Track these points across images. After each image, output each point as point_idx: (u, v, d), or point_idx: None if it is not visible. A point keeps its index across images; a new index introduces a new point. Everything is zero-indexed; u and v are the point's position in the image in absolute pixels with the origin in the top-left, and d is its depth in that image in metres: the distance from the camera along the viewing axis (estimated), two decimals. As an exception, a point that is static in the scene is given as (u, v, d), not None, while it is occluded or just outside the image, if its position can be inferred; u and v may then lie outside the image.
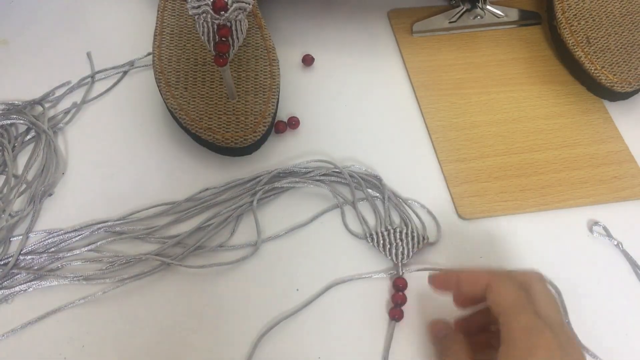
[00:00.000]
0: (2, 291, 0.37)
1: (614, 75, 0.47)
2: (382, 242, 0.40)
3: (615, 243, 0.42)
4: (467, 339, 0.34)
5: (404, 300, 0.38)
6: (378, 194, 0.43)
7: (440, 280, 0.35)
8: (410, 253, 0.39)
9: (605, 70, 0.47)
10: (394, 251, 0.39)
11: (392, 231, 0.40)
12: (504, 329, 0.30)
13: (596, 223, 0.42)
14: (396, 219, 0.42)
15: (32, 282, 0.37)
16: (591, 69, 0.48)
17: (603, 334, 0.38)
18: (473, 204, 0.43)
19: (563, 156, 0.46)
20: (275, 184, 0.42)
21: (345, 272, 0.39)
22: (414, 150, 0.46)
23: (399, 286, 0.38)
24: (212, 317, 0.37)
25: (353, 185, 0.43)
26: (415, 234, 0.40)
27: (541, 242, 0.42)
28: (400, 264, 0.39)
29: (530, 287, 0.32)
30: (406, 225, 0.41)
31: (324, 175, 0.43)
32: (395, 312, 0.37)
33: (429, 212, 0.43)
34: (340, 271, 0.39)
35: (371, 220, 0.42)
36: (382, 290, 0.39)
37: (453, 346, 0.33)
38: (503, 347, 0.29)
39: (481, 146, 0.46)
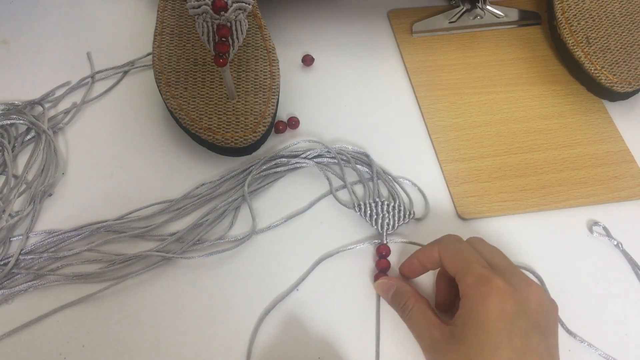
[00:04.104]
0: (2, 291, 0.37)
1: (614, 75, 0.47)
2: (369, 212, 0.41)
3: (615, 243, 0.42)
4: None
5: (387, 266, 0.39)
6: (368, 171, 0.44)
7: (406, 267, 0.38)
8: (396, 225, 0.41)
9: (605, 70, 0.47)
10: (379, 221, 0.40)
11: (379, 203, 0.41)
12: (460, 285, 0.32)
13: (596, 223, 0.42)
14: (385, 194, 0.43)
15: (32, 282, 0.37)
16: (591, 69, 0.48)
17: (603, 333, 0.38)
18: (473, 204, 0.43)
19: (563, 156, 0.46)
20: (264, 166, 0.43)
21: (332, 246, 0.40)
22: (414, 150, 0.46)
23: (382, 253, 0.39)
24: (212, 308, 0.37)
25: (342, 163, 0.43)
26: (402, 208, 0.41)
27: (541, 242, 0.42)
28: (384, 234, 0.40)
29: (475, 244, 0.35)
30: (394, 199, 0.42)
31: (315, 157, 0.44)
32: (379, 277, 0.38)
33: (419, 190, 0.43)
34: (328, 245, 0.40)
35: (360, 196, 0.43)
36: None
37: (410, 303, 0.35)
38: (461, 301, 0.32)
39: (481, 146, 0.46)
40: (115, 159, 0.44)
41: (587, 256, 0.41)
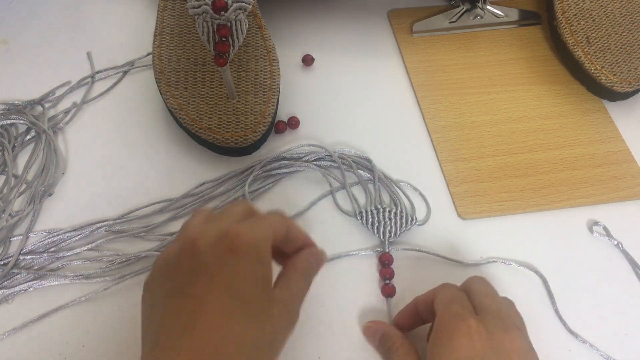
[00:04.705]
0: (2, 291, 0.37)
1: (614, 75, 0.47)
2: (370, 220, 0.41)
3: (615, 243, 0.42)
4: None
5: (391, 274, 0.39)
6: (369, 175, 0.44)
7: (402, 314, 0.36)
8: (398, 232, 0.40)
9: (605, 70, 0.47)
10: (381, 229, 0.40)
11: (381, 210, 0.41)
12: (436, 317, 0.32)
13: (596, 223, 0.42)
14: (387, 200, 0.43)
15: (32, 282, 0.37)
16: (591, 69, 0.48)
17: (603, 333, 0.38)
18: (473, 204, 0.43)
19: (563, 156, 0.46)
20: (266, 167, 0.43)
21: (333, 247, 0.40)
22: (414, 150, 0.46)
23: (384, 262, 0.39)
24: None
25: (343, 167, 0.43)
26: (403, 214, 0.41)
27: (541, 242, 0.42)
28: (387, 242, 0.40)
29: (469, 287, 0.34)
30: (395, 205, 0.42)
31: (316, 160, 0.44)
32: (388, 289, 0.38)
33: (420, 194, 0.43)
34: (329, 247, 0.40)
35: (362, 201, 0.43)
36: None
37: (395, 346, 0.34)
38: (432, 334, 0.31)
39: (481, 146, 0.46)
40: (115, 158, 0.44)
41: (588, 256, 0.41)
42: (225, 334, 0.26)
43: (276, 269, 0.30)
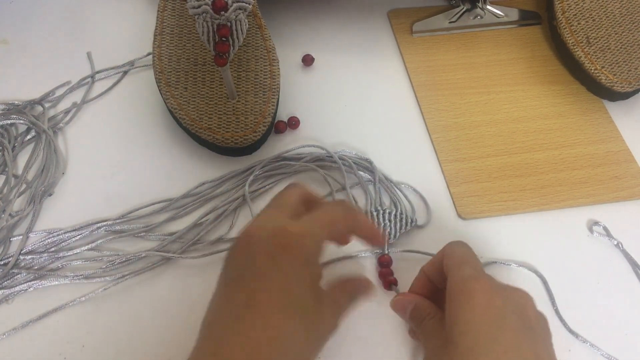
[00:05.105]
0: (2, 291, 0.37)
1: (614, 75, 0.47)
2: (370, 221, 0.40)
3: (615, 243, 0.42)
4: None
5: (390, 273, 0.39)
6: (370, 177, 0.43)
7: (416, 288, 0.36)
8: (397, 234, 0.40)
9: (605, 70, 0.47)
10: (381, 231, 0.40)
11: (381, 212, 0.41)
12: (449, 281, 0.31)
13: (596, 223, 0.42)
14: (387, 201, 0.43)
15: (33, 282, 0.37)
16: (591, 69, 0.48)
17: (603, 333, 0.38)
18: (473, 204, 0.43)
19: (563, 156, 0.46)
20: (267, 167, 0.43)
21: (333, 252, 0.40)
22: (414, 150, 0.46)
23: (383, 263, 0.39)
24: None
25: (343, 168, 0.43)
26: (403, 216, 0.41)
27: (541, 242, 0.42)
28: (386, 244, 0.40)
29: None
30: (395, 207, 0.42)
31: (316, 160, 0.44)
32: (391, 280, 0.38)
33: (421, 197, 0.43)
34: (328, 251, 0.39)
35: (362, 203, 0.43)
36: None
37: (430, 316, 0.33)
38: (447, 296, 0.31)
39: (481, 146, 0.46)
40: (115, 158, 0.44)
41: (588, 256, 0.41)
42: (275, 330, 0.27)
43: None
